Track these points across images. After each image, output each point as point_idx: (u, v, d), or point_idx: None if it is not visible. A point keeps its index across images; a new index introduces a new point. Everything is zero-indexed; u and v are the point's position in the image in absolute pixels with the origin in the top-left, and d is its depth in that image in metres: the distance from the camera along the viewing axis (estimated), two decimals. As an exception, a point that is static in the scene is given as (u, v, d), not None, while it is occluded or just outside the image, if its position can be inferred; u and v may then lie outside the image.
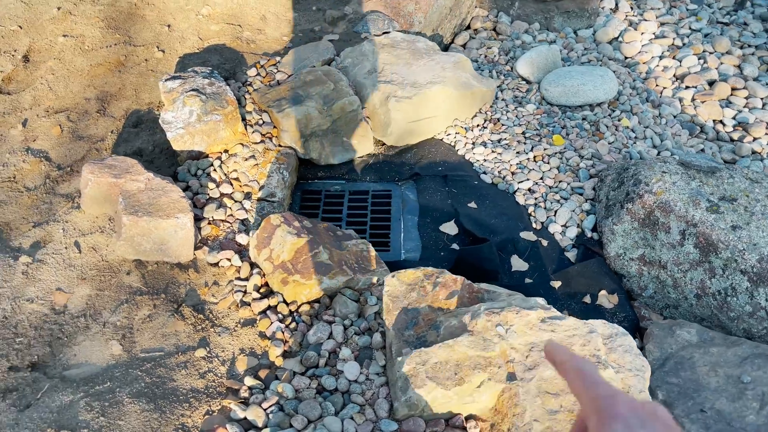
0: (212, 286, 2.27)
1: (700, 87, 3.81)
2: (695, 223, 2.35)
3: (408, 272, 2.16)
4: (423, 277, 2.15)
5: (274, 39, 3.61)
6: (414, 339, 1.98)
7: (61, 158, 2.75)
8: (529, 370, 1.78)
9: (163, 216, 2.25)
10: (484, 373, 1.78)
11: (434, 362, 1.82)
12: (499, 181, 3.03)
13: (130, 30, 3.43)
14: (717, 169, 2.51)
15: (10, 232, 2.41)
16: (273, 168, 2.80)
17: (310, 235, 2.28)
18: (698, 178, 2.50)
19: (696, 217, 2.35)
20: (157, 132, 2.87)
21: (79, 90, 3.07)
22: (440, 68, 3.28)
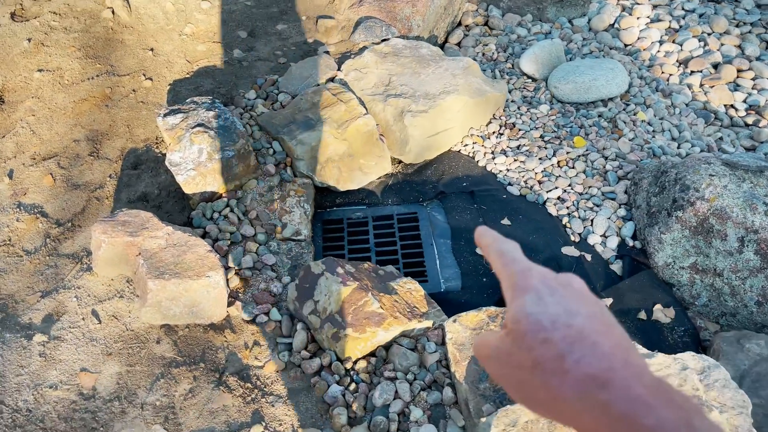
0: (253, 348, 2.07)
1: (705, 71, 3.72)
2: (756, 230, 2.24)
3: (470, 315, 2.00)
4: (487, 319, 1.99)
5: (267, 55, 3.37)
6: (491, 392, 1.83)
7: (58, 212, 2.49)
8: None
9: (193, 276, 2.04)
10: (581, 429, 1.63)
11: (524, 421, 1.67)
12: (527, 192, 2.88)
13: (110, 57, 3.15)
14: (766, 168, 2.40)
15: (17, 306, 2.16)
16: (293, 202, 2.59)
17: (356, 280, 2.09)
18: (748, 179, 2.39)
19: (756, 222, 2.24)
20: (160, 173, 2.63)
21: (66, 131, 2.80)
22: (450, 75, 3.10)
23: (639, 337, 2.36)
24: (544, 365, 0.47)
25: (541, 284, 0.51)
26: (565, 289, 0.51)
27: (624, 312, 2.42)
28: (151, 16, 3.43)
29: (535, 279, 0.52)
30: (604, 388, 0.44)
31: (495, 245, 0.59)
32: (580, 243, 2.67)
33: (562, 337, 0.47)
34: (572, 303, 0.49)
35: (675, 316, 2.40)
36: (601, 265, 2.58)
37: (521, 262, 0.55)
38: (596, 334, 0.47)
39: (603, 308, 0.50)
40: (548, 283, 0.52)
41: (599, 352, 0.45)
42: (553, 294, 0.50)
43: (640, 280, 2.47)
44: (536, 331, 0.48)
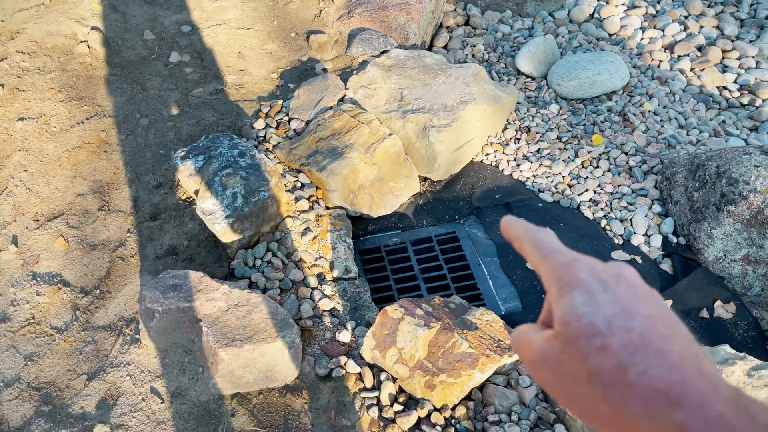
0: (338, 407, 1.91)
1: (692, 54, 3.77)
2: (813, 219, 2.25)
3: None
4: (585, 345, 1.90)
5: (263, 78, 3.17)
6: (610, 424, 1.74)
7: (81, 279, 2.24)
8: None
9: (267, 338, 1.86)
10: (720, 455, 1.58)
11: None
12: (559, 197, 2.82)
13: (96, 97, 2.88)
14: (806, 155, 2.43)
15: (62, 393, 1.92)
16: (334, 237, 2.44)
17: (437, 320, 1.97)
18: (792, 168, 2.40)
19: (813, 212, 2.25)
20: (185, 221, 2.41)
21: (66, 185, 2.53)
22: (463, 84, 3.00)
23: (706, 336, 2.34)
24: (602, 377, 0.41)
25: (591, 278, 0.45)
26: (618, 282, 0.45)
27: (686, 312, 2.40)
28: (130, 47, 3.16)
29: (584, 272, 0.46)
30: (678, 407, 0.38)
31: (529, 235, 0.53)
32: (624, 245, 2.63)
33: (621, 343, 0.40)
34: (629, 300, 0.43)
35: (736, 310, 2.40)
36: (651, 266, 2.55)
37: (564, 253, 0.49)
38: (661, 338, 0.40)
39: (663, 304, 0.44)
40: (599, 276, 0.45)
41: (667, 362, 0.39)
42: (606, 290, 0.44)
43: (696, 278, 2.46)
44: (591, 336, 0.42)
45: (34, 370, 1.98)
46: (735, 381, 1.69)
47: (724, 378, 1.69)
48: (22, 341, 2.06)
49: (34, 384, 1.95)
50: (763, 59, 3.69)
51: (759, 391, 1.67)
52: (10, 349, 2.03)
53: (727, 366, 1.72)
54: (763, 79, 3.56)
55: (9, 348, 2.03)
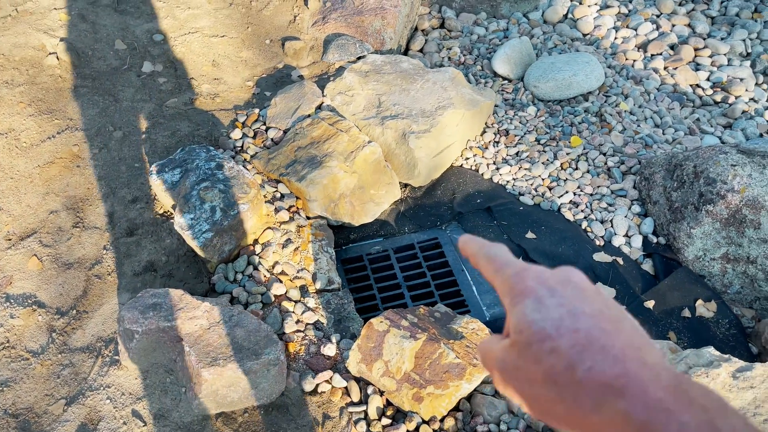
0: (325, 422, 1.89)
1: (665, 53, 3.81)
2: (790, 217, 2.28)
3: (553, 350, 1.91)
4: (572, 352, 1.90)
5: (238, 86, 3.13)
6: (599, 431, 1.74)
7: (56, 300, 2.18)
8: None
9: (250, 356, 1.83)
10: (709, 458, 1.58)
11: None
12: (539, 200, 2.82)
13: (67, 110, 2.81)
14: (781, 153, 2.46)
15: (41, 420, 1.86)
16: (315, 248, 2.41)
17: (423, 331, 1.95)
18: (767, 165, 2.43)
19: (790, 210, 2.28)
20: (163, 237, 2.37)
21: (38, 202, 2.47)
22: (441, 89, 2.99)
23: (689, 336, 2.36)
24: (555, 378, 0.43)
25: (539, 285, 0.48)
26: (564, 287, 0.47)
27: (668, 313, 2.42)
28: (101, 58, 3.09)
29: (532, 280, 0.49)
30: (621, 396, 0.40)
31: (483, 251, 0.56)
32: (606, 246, 2.64)
33: (569, 344, 0.43)
34: (575, 302, 0.46)
35: (717, 309, 2.42)
36: (633, 267, 2.56)
37: (514, 264, 0.52)
38: (604, 335, 0.43)
39: (607, 301, 0.47)
40: (546, 283, 0.48)
41: (610, 356, 0.42)
42: (553, 294, 0.47)
43: (677, 278, 2.47)
44: (541, 341, 0.44)
45: (10, 396, 1.92)
46: (720, 383, 1.70)
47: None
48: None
49: (11, 411, 1.89)
50: (734, 56, 3.74)
51: (745, 393, 1.68)
52: (-15, 375, 1.97)
53: (713, 368, 1.73)
54: (735, 76, 3.60)
55: (-17, 374, 1.97)
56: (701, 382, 1.67)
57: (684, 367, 1.76)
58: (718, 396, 0.41)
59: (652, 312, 2.41)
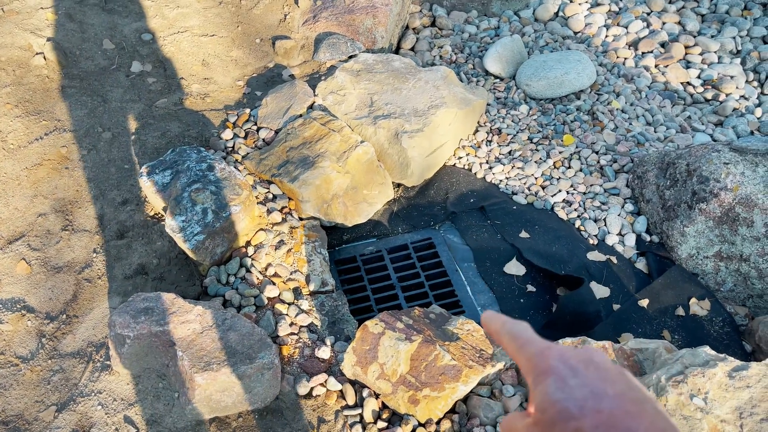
0: (320, 426, 1.87)
1: (656, 51, 3.81)
2: (783, 215, 2.28)
3: (549, 351, 1.90)
4: (568, 352, 1.89)
5: (228, 86, 3.10)
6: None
7: (46, 304, 2.15)
8: (753, 441, 1.61)
9: (244, 360, 1.81)
10: (706, 459, 1.58)
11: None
12: (533, 199, 2.81)
13: (55, 111, 2.77)
14: (774, 151, 2.46)
15: (31, 426, 1.83)
16: (308, 249, 2.39)
17: (418, 333, 1.94)
18: (760, 163, 2.43)
19: (783, 208, 2.28)
20: (154, 239, 2.34)
21: (27, 205, 2.43)
22: (433, 88, 2.97)
23: (683, 334, 2.36)
24: None
25: (562, 365, 0.49)
26: (587, 367, 0.49)
27: (662, 311, 2.42)
28: (88, 58, 3.05)
29: (555, 360, 0.50)
30: None
31: (505, 328, 0.57)
32: (600, 245, 2.64)
33: (593, 424, 0.44)
34: (598, 382, 0.47)
35: (711, 307, 2.42)
36: (626, 265, 2.56)
37: (537, 343, 0.53)
38: (628, 416, 0.44)
39: (630, 382, 0.48)
40: (569, 362, 0.49)
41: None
42: (576, 374, 0.48)
43: (672, 277, 2.47)
44: (565, 420, 0.45)
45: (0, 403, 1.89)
46: (717, 383, 1.70)
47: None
48: (-14, 373, 1.96)
49: (0, 417, 1.86)
50: (725, 54, 3.74)
51: (741, 393, 1.68)
52: (-27, 382, 1.93)
53: (709, 368, 1.73)
54: (726, 73, 3.61)
55: (-29, 381, 1.93)
56: (698, 381, 1.67)
57: (680, 366, 1.75)
58: None
59: (645, 311, 2.41)
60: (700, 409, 1.65)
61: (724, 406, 1.66)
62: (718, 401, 1.67)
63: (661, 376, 1.74)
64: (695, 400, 1.67)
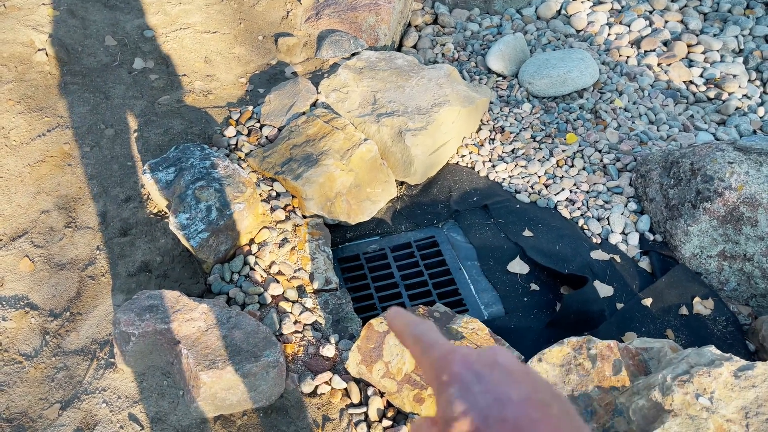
0: (325, 424, 1.87)
1: (658, 50, 3.81)
2: (788, 214, 2.28)
3: (554, 351, 1.90)
4: (573, 352, 1.90)
5: (231, 83, 3.09)
6: None
7: (49, 301, 2.15)
8: (758, 441, 1.61)
9: (250, 358, 1.80)
10: (712, 458, 1.58)
11: (654, 460, 1.59)
12: (536, 197, 2.81)
13: (57, 107, 2.77)
14: (778, 150, 2.46)
15: (35, 424, 1.83)
16: (312, 247, 2.38)
17: (423, 331, 1.93)
18: (764, 162, 2.43)
19: (787, 207, 2.28)
20: (157, 237, 2.33)
21: (29, 202, 2.42)
22: (436, 86, 2.97)
23: (687, 333, 2.36)
24: None
25: (466, 370, 0.47)
26: (492, 370, 0.47)
27: (665, 311, 2.42)
28: (91, 54, 3.04)
29: (458, 365, 0.48)
30: None
31: (408, 330, 0.54)
32: (602, 244, 2.64)
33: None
34: (502, 387, 0.46)
35: (714, 306, 2.42)
36: (630, 264, 2.56)
37: (440, 346, 0.51)
38: (533, 424, 0.43)
39: (536, 383, 0.47)
40: (472, 367, 0.47)
41: None
42: (480, 380, 0.46)
43: (674, 276, 2.47)
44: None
45: (3, 401, 1.89)
46: (723, 382, 1.70)
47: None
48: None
49: (4, 415, 1.85)
50: (727, 53, 3.74)
51: (747, 392, 1.68)
52: (-23, 379, 1.93)
53: (714, 367, 1.73)
54: (728, 72, 3.61)
55: (-25, 378, 1.93)
56: (704, 381, 1.68)
57: (686, 366, 1.75)
58: None
59: (649, 310, 2.41)
60: (706, 409, 1.66)
61: (729, 406, 1.66)
62: (723, 401, 1.67)
63: (666, 375, 1.74)
64: (701, 399, 1.67)
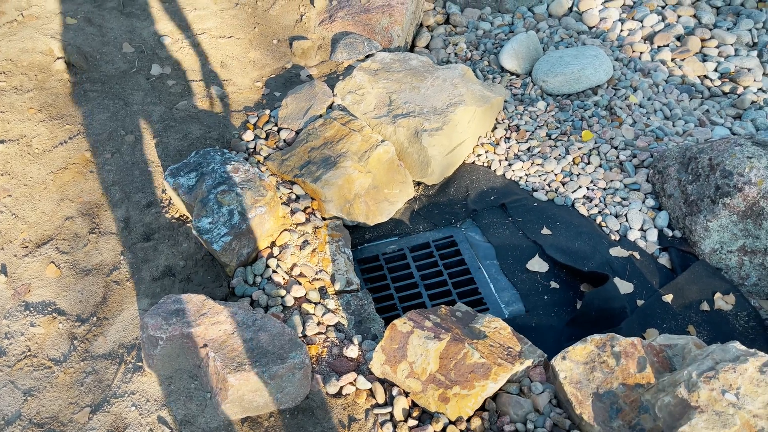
0: (351, 425, 1.89)
1: (672, 45, 3.80)
2: (808, 208, 2.28)
3: (577, 349, 1.91)
4: (596, 350, 1.90)
5: (247, 87, 3.12)
6: (627, 430, 1.75)
7: (76, 307, 2.18)
8: (786, 436, 1.61)
9: (276, 360, 1.83)
10: (739, 454, 1.59)
11: (681, 456, 1.60)
12: (553, 195, 2.82)
13: (78, 115, 2.80)
14: (796, 144, 2.45)
15: (65, 428, 1.86)
16: (333, 249, 2.40)
17: (446, 331, 1.95)
18: (783, 158, 2.43)
19: (807, 201, 2.28)
20: (180, 241, 2.36)
21: (53, 209, 2.46)
22: (451, 86, 2.98)
23: (708, 329, 2.36)
24: None
25: None
26: None
27: (687, 306, 2.42)
28: (109, 61, 3.08)
29: None
30: None
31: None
32: (621, 241, 2.64)
33: None
34: None
35: (736, 302, 2.42)
36: (649, 261, 2.56)
37: None
38: None
39: None
40: None
41: None
42: None
43: (696, 272, 2.47)
44: None
45: (34, 406, 1.92)
46: (748, 378, 1.70)
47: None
48: (20, 375, 1.99)
49: (35, 420, 1.89)
50: (741, 46, 3.72)
51: (772, 387, 1.68)
52: (8, 384, 1.96)
53: (740, 363, 1.73)
54: (743, 66, 3.59)
55: (7, 384, 1.96)
56: (729, 377, 1.68)
57: (711, 362, 1.76)
58: None
59: (670, 306, 2.41)
60: (732, 405, 1.66)
61: (756, 401, 1.66)
62: (749, 396, 1.67)
63: (692, 372, 1.74)
64: (727, 395, 1.67)
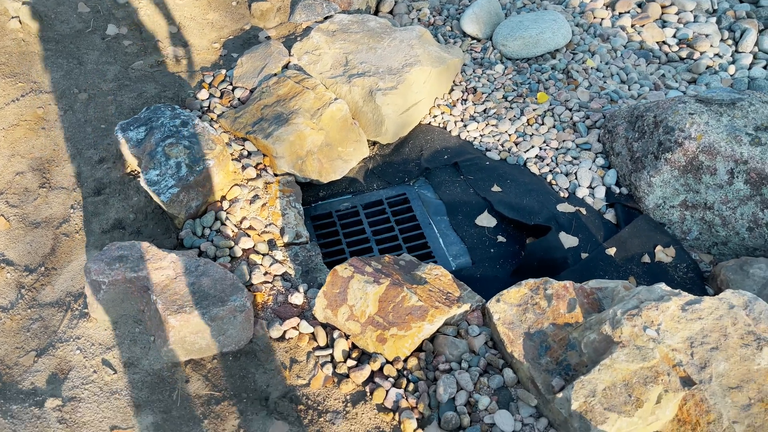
0: (292, 366, 1.94)
1: (632, 11, 3.84)
2: (745, 160, 2.35)
3: (512, 292, 1.97)
4: (530, 292, 1.96)
5: (205, 48, 3.12)
6: (554, 366, 1.82)
7: (25, 257, 2.20)
8: (701, 369, 1.68)
9: (217, 302, 1.87)
10: (657, 386, 1.66)
11: (602, 389, 1.67)
12: (506, 155, 2.86)
13: (31, 73, 2.80)
14: (738, 100, 2.51)
15: (12, 371, 1.90)
16: (283, 204, 2.44)
17: (386, 276, 2.00)
18: (724, 113, 2.49)
19: (744, 153, 2.35)
20: (130, 195, 2.38)
21: (3, 164, 2.47)
22: (408, 46, 3.00)
23: (648, 280, 2.43)
24: None
25: None
26: None
27: (628, 259, 2.48)
28: (64, 21, 3.06)
29: None
30: None
31: None
32: (570, 198, 2.70)
33: None
34: None
35: (676, 254, 2.49)
36: (595, 217, 2.62)
37: None
38: None
39: None
40: None
41: None
42: None
43: (638, 226, 2.54)
44: None
45: (-20, 351, 1.95)
46: (670, 315, 1.77)
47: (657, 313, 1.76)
48: (-33, 323, 2.02)
49: (-19, 364, 1.92)
50: (701, 13, 3.77)
51: (693, 324, 1.75)
52: (-46, 330, 1.99)
53: (663, 302, 1.79)
54: (701, 32, 3.64)
55: (-48, 330, 1.99)
56: (651, 314, 1.75)
57: (636, 301, 1.82)
58: None
59: (613, 259, 2.48)
60: (652, 339, 1.73)
61: (675, 337, 1.73)
62: (670, 332, 1.74)
63: (617, 310, 1.81)
64: (648, 331, 1.74)
